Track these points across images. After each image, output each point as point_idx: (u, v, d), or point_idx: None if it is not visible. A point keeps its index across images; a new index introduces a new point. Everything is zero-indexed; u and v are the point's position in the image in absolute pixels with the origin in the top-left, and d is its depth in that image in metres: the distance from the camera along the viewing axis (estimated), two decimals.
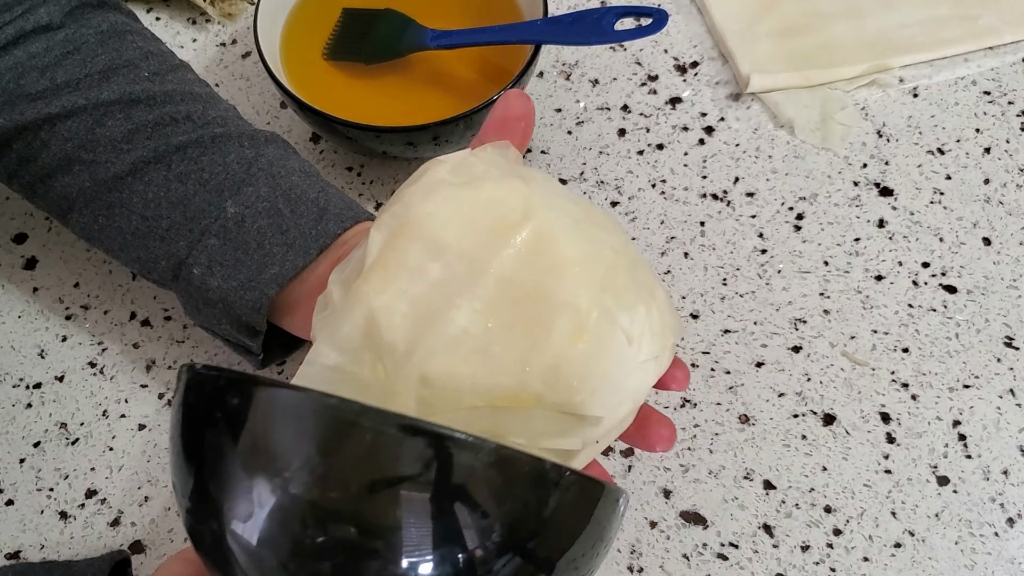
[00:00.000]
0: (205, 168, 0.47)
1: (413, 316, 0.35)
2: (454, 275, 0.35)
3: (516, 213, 0.36)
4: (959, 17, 0.67)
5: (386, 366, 0.35)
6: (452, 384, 0.34)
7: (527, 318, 0.35)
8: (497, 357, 0.34)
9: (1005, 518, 0.51)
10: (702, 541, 0.51)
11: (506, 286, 0.35)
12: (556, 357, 0.35)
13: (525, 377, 0.34)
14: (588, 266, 0.36)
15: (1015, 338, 0.56)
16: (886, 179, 0.62)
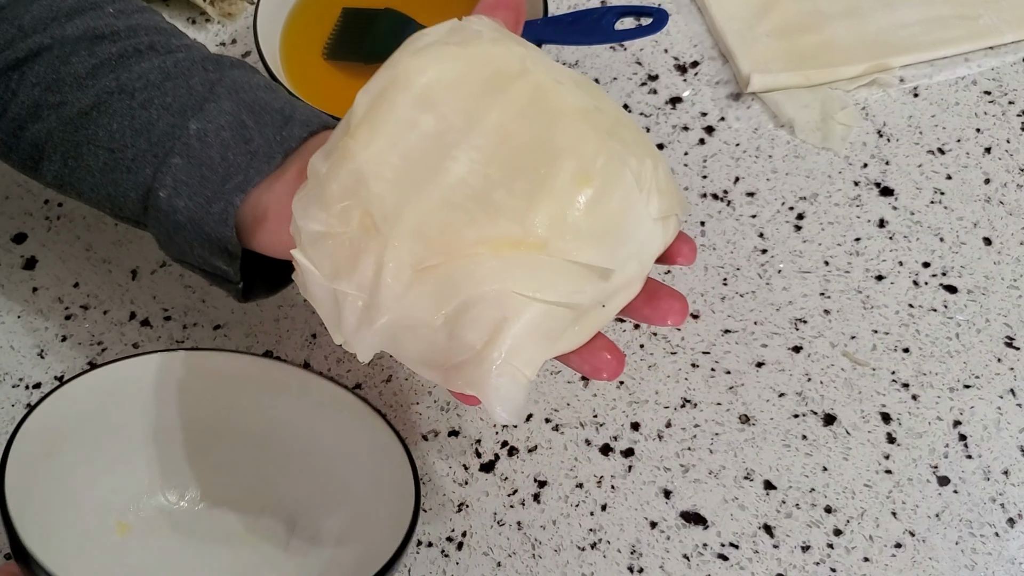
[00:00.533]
0: (168, 93, 0.45)
1: (405, 168, 0.33)
2: (449, 126, 0.34)
3: (513, 68, 0.35)
4: (959, 17, 0.67)
5: (376, 219, 0.33)
6: (450, 232, 0.33)
7: (530, 165, 0.34)
8: (499, 203, 0.33)
9: (1006, 518, 0.51)
10: (702, 541, 0.51)
11: (506, 135, 0.34)
12: (562, 202, 0.33)
13: (530, 222, 0.33)
14: (593, 116, 0.35)
15: (1015, 338, 0.56)
16: (886, 179, 0.62)
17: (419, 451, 0.54)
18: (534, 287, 0.33)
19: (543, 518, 0.52)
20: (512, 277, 0.33)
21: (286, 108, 0.46)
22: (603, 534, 0.51)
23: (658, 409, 0.55)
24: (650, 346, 0.56)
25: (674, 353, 0.56)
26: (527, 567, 0.51)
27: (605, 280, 0.35)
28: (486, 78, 0.35)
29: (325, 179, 0.34)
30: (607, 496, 0.52)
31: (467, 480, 0.53)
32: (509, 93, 0.34)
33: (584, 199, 0.33)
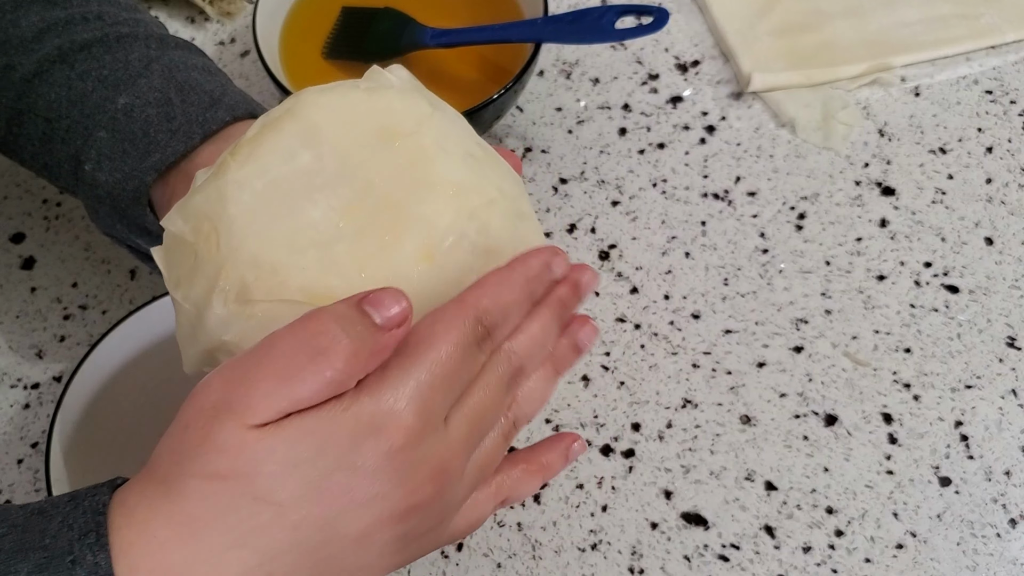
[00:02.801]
0: (106, 65, 0.45)
1: (265, 197, 0.33)
2: (322, 168, 0.34)
3: (407, 126, 0.35)
4: (961, 16, 0.67)
5: (220, 240, 0.33)
6: (280, 273, 0.33)
7: (382, 227, 0.33)
8: (337, 257, 0.33)
9: (1007, 519, 0.51)
10: (703, 542, 0.51)
11: (370, 192, 0.34)
12: (395, 272, 0.33)
13: (357, 284, 0.32)
14: (464, 194, 0.34)
15: (1017, 338, 0.56)
16: (888, 178, 0.62)
17: None
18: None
19: (543, 519, 0.52)
20: None
21: (216, 91, 0.45)
22: (604, 535, 0.51)
23: (659, 410, 0.54)
24: (651, 346, 0.56)
25: (675, 353, 0.56)
26: (527, 568, 0.50)
27: None
28: (377, 129, 0.34)
29: (195, 188, 0.35)
30: (608, 497, 0.52)
31: None
32: (391, 151, 0.34)
33: (416, 274, 0.33)
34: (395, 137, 0.34)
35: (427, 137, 0.35)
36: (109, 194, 0.44)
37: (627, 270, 0.59)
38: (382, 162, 0.34)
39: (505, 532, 0.51)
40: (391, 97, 0.35)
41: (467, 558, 0.51)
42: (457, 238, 0.34)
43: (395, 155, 0.34)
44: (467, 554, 0.51)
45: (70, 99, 0.45)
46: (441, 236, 0.33)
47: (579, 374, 0.56)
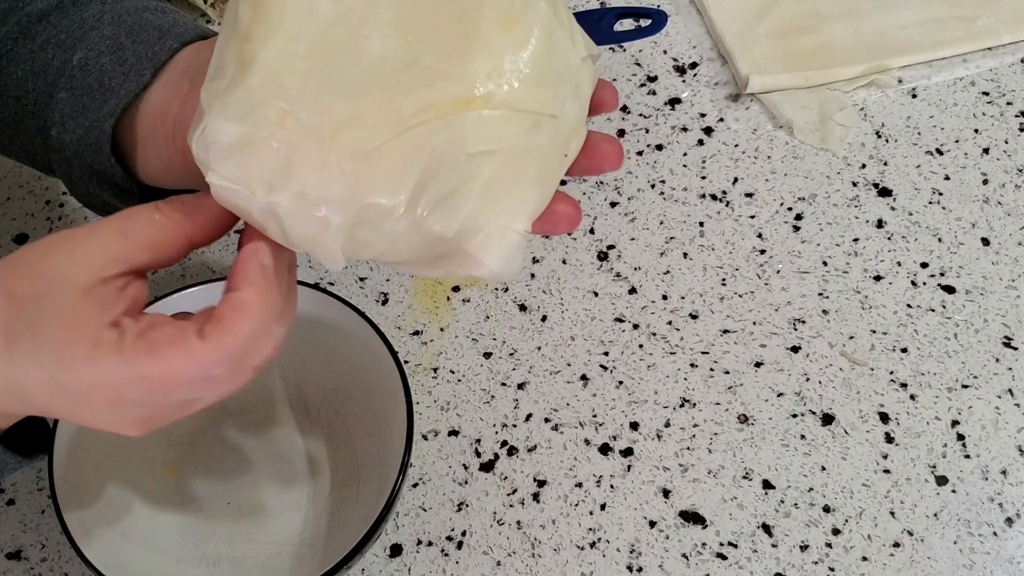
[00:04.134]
0: (63, 29, 0.44)
1: (316, 57, 0.30)
2: (349, 7, 0.31)
3: None
4: (957, 18, 0.67)
5: (300, 115, 0.30)
6: (389, 108, 0.30)
7: (448, 23, 0.31)
8: (430, 68, 0.31)
9: (1004, 518, 0.51)
10: (701, 541, 0.51)
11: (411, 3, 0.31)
12: (494, 51, 0.31)
13: (468, 78, 0.31)
14: None
15: (1013, 338, 0.56)
16: (885, 179, 0.62)
17: (419, 451, 0.54)
18: (488, 142, 0.31)
19: (542, 517, 0.52)
20: (464, 140, 0.31)
21: (166, 24, 0.44)
22: (602, 533, 0.51)
23: (657, 409, 0.55)
24: (649, 346, 0.57)
25: (673, 353, 0.56)
26: (527, 566, 0.51)
27: (555, 123, 0.33)
28: None
29: (227, 89, 0.30)
30: (606, 496, 0.52)
31: (467, 480, 0.53)
32: None
33: (514, 43, 0.31)
34: None
35: None
36: (76, 154, 0.43)
37: (625, 270, 0.59)
38: None
39: (504, 530, 0.52)
40: None
41: (467, 556, 0.51)
42: None
43: None
44: (467, 552, 0.51)
45: (34, 71, 0.44)
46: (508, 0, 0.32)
47: (578, 373, 0.56)
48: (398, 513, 0.52)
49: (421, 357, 0.57)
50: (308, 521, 0.51)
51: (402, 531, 0.52)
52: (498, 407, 0.55)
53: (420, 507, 0.52)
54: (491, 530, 0.52)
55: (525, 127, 0.32)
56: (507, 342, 0.57)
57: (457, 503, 0.53)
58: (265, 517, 0.51)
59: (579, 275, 0.59)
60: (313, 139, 0.30)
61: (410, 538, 0.52)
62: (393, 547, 0.52)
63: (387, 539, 0.52)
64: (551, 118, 0.32)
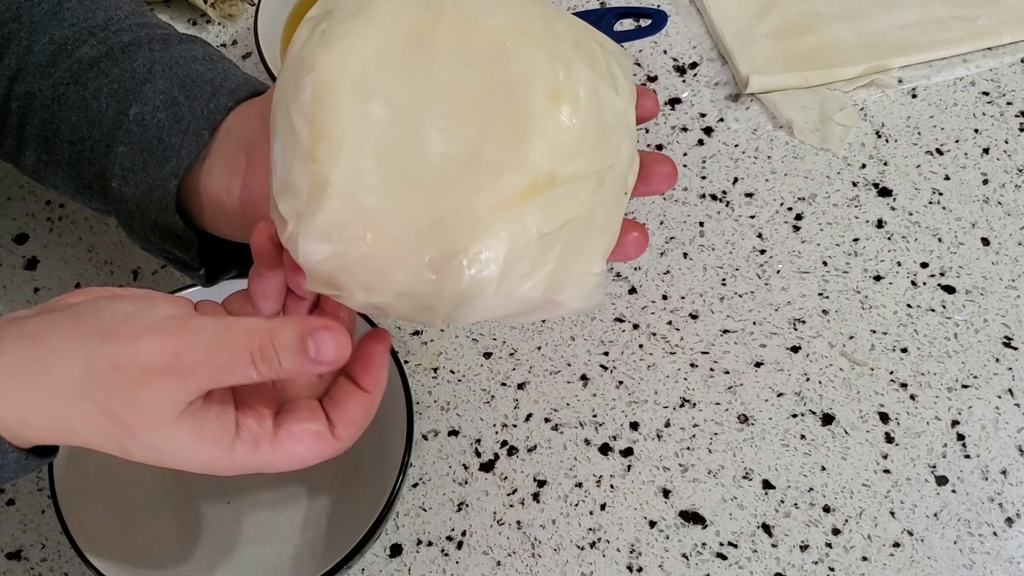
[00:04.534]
0: (115, 79, 0.45)
1: (385, 168, 0.32)
2: (402, 107, 0.32)
3: (423, 16, 0.33)
4: (958, 18, 0.67)
5: (384, 230, 0.32)
6: (465, 211, 0.32)
7: (500, 108, 0.33)
8: (492, 160, 0.32)
9: (1004, 518, 0.51)
10: (701, 541, 0.51)
11: (460, 90, 0.33)
12: (550, 130, 0.32)
13: (531, 164, 0.32)
14: (526, 28, 0.33)
15: (1013, 338, 0.56)
16: (885, 179, 0.62)
17: (419, 451, 0.54)
18: (560, 218, 0.33)
19: (542, 517, 0.52)
20: (536, 223, 0.32)
21: (217, 78, 0.45)
22: (602, 533, 0.51)
23: (657, 409, 0.55)
24: (649, 346, 0.57)
25: (673, 353, 0.56)
26: (527, 566, 0.51)
27: (613, 170, 0.35)
28: (405, 39, 0.33)
29: (309, 212, 0.32)
30: (606, 495, 0.52)
31: (467, 480, 0.53)
32: (438, 45, 0.33)
33: (567, 116, 0.33)
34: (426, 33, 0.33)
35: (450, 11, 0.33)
36: (139, 207, 0.45)
37: (625, 270, 0.59)
38: (441, 62, 0.33)
39: (504, 530, 0.52)
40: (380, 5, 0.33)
41: (467, 556, 0.51)
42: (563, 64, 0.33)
43: (444, 48, 0.33)
44: (467, 552, 0.51)
45: (88, 120, 0.45)
46: (551, 73, 0.33)
47: (578, 373, 0.56)
48: (398, 513, 0.52)
49: (421, 357, 0.57)
50: (308, 521, 0.51)
51: (402, 531, 0.52)
52: (498, 407, 0.55)
53: (420, 507, 0.52)
54: (491, 530, 0.52)
55: (590, 190, 0.34)
56: (507, 342, 0.57)
57: (457, 503, 0.53)
58: (265, 517, 0.51)
59: None
60: (401, 249, 0.32)
61: (410, 538, 0.52)
62: (393, 547, 0.52)
63: (387, 539, 0.52)
64: (610, 168, 0.34)
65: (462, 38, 0.33)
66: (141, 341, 0.32)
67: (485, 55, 0.33)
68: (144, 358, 0.32)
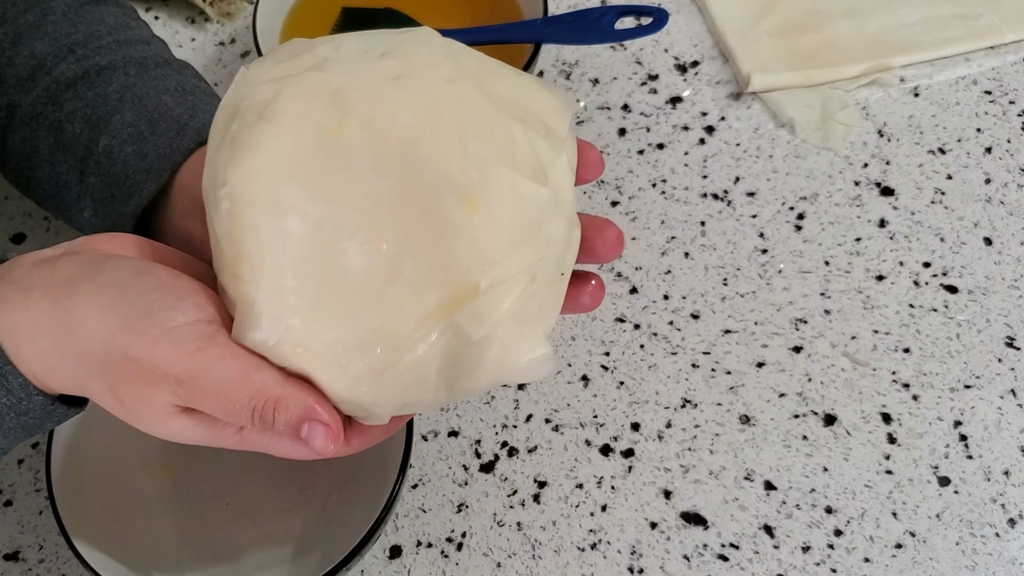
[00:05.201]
0: (89, 103, 0.45)
1: (306, 288, 0.32)
2: (318, 220, 0.32)
3: (330, 115, 0.32)
4: (960, 16, 0.67)
5: (312, 350, 0.32)
6: (388, 330, 0.32)
7: (415, 219, 0.32)
8: (412, 274, 0.32)
9: (1006, 519, 0.51)
10: (703, 542, 0.51)
11: (373, 200, 0.32)
12: (465, 240, 0.32)
13: (453, 277, 0.32)
14: (436, 123, 0.32)
15: (1016, 338, 0.56)
16: (887, 179, 0.62)
17: (419, 452, 0.54)
18: (490, 322, 0.32)
19: (543, 519, 0.52)
20: (465, 332, 0.32)
21: (184, 115, 0.45)
22: (603, 535, 0.51)
23: (658, 409, 0.55)
24: (650, 346, 0.56)
25: (674, 353, 0.56)
26: (527, 568, 0.50)
27: (547, 264, 0.33)
28: (314, 145, 0.32)
29: (240, 329, 0.33)
30: (607, 497, 0.52)
31: (467, 481, 0.53)
32: (347, 150, 0.32)
33: (483, 222, 0.32)
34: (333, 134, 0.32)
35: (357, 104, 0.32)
36: None
37: (626, 270, 0.59)
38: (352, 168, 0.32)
39: (505, 531, 0.51)
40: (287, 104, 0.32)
41: (467, 558, 0.51)
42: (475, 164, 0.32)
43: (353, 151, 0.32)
44: (467, 554, 0.51)
45: (63, 144, 0.45)
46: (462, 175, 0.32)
47: (579, 374, 0.56)
48: (398, 514, 0.52)
49: None
50: (307, 521, 0.51)
51: (402, 532, 0.52)
52: (498, 407, 0.55)
53: (420, 508, 0.52)
54: (491, 531, 0.51)
55: (520, 288, 0.33)
56: None
57: (457, 504, 0.52)
58: (264, 518, 0.51)
59: None
60: (332, 368, 0.32)
61: (410, 539, 0.51)
62: (392, 548, 0.51)
63: (387, 540, 0.51)
64: (540, 261, 0.33)
65: (370, 140, 0.32)
66: (159, 345, 0.32)
67: (395, 160, 0.32)
68: (157, 362, 0.32)
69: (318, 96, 0.32)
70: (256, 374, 0.32)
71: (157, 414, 0.33)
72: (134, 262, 0.35)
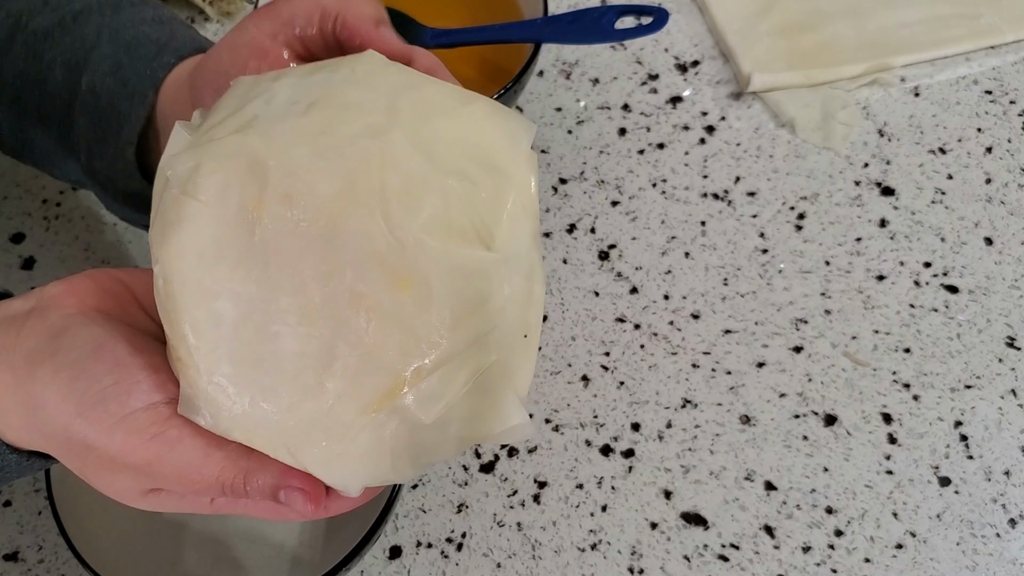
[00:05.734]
0: (67, 48, 0.44)
1: (243, 375, 0.31)
2: (248, 302, 0.30)
3: (249, 188, 0.30)
4: (960, 16, 0.67)
5: (255, 436, 0.31)
6: (330, 421, 0.30)
7: (343, 300, 0.30)
8: (349, 362, 0.30)
9: (1007, 519, 0.51)
10: (703, 542, 0.51)
11: (300, 280, 0.30)
12: (399, 322, 0.30)
13: (390, 362, 0.30)
14: (355, 193, 0.30)
15: (1017, 338, 0.56)
16: (887, 179, 0.62)
17: None
18: (441, 404, 0.31)
19: (543, 519, 0.52)
20: (414, 417, 0.31)
21: (163, 37, 0.44)
22: (603, 535, 0.51)
23: (659, 410, 0.54)
24: (651, 346, 0.56)
25: (675, 354, 0.56)
26: (527, 568, 0.50)
27: (498, 328, 0.31)
28: (236, 222, 0.30)
29: (188, 412, 0.31)
30: (607, 497, 0.52)
31: (467, 481, 0.53)
32: (268, 227, 0.30)
33: (414, 302, 0.30)
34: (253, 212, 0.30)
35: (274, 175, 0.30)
36: (108, 179, 0.44)
37: (627, 270, 0.59)
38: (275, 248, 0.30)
39: (505, 532, 0.51)
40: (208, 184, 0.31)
41: (467, 558, 0.51)
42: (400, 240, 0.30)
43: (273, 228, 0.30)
44: (467, 554, 0.51)
45: (48, 94, 0.45)
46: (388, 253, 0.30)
47: (579, 374, 0.56)
48: (397, 515, 0.52)
49: None
50: (307, 522, 0.51)
51: (401, 532, 0.52)
52: None
53: (420, 508, 0.52)
54: (491, 532, 0.51)
55: (472, 364, 0.31)
56: None
57: (457, 504, 0.52)
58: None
59: (580, 275, 0.59)
60: (281, 452, 0.31)
61: (410, 540, 0.51)
62: (392, 549, 0.51)
63: (387, 540, 0.51)
64: (492, 330, 0.31)
65: (291, 217, 0.30)
66: (114, 435, 0.31)
67: (319, 237, 0.30)
68: (114, 451, 0.31)
69: (236, 166, 0.31)
70: (218, 452, 0.31)
71: (126, 496, 0.33)
72: (93, 333, 0.33)
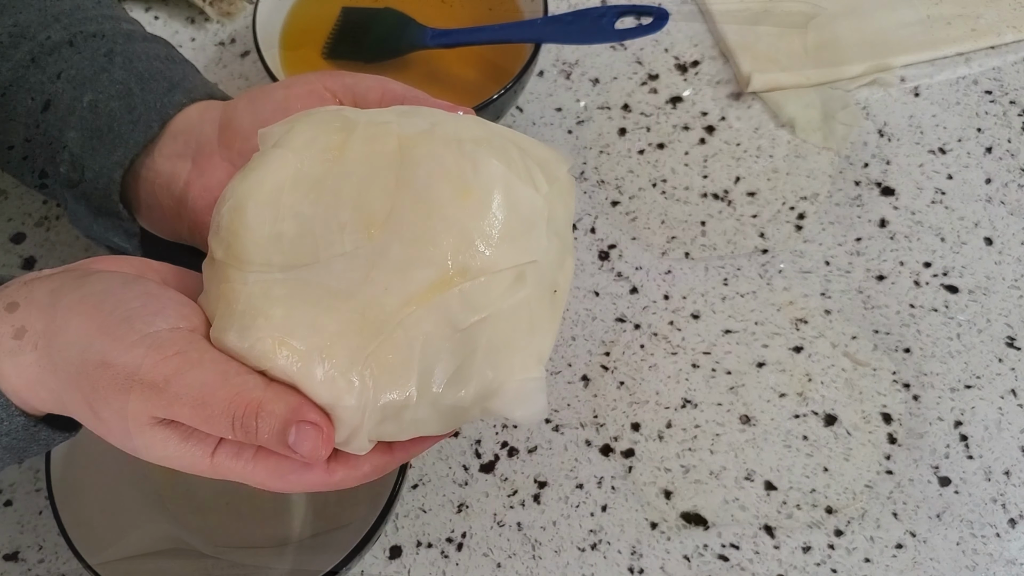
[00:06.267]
0: (75, 65, 0.45)
1: (292, 280, 0.32)
2: (310, 219, 0.33)
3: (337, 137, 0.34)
4: (960, 16, 0.67)
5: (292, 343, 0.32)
6: (372, 309, 0.32)
7: (407, 208, 0.32)
8: (400, 257, 0.32)
9: (1007, 519, 0.51)
10: (703, 542, 0.51)
11: (367, 197, 0.33)
12: (455, 224, 0.32)
13: (440, 258, 0.32)
14: (435, 133, 0.34)
15: (1016, 338, 0.56)
16: (887, 179, 0.62)
17: None
18: (476, 312, 0.32)
19: (543, 519, 0.52)
20: (450, 317, 0.32)
21: (176, 76, 0.45)
22: (603, 535, 0.51)
23: (658, 410, 0.54)
24: (651, 346, 0.56)
25: (675, 353, 0.56)
26: (527, 568, 0.50)
27: (537, 267, 0.33)
28: (319, 160, 0.34)
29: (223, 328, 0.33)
30: (607, 497, 0.52)
31: (467, 481, 0.53)
32: (347, 160, 0.33)
33: (475, 209, 0.32)
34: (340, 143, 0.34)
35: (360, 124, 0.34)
36: (84, 193, 0.44)
37: (627, 270, 0.59)
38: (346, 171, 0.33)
39: (505, 532, 0.51)
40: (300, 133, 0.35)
41: (467, 558, 0.51)
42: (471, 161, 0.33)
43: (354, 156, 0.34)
44: (467, 554, 0.51)
45: (44, 104, 0.45)
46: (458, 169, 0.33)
47: (579, 374, 0.56)
48: (397, 514, 0.52)
49: None
50: (308, 521, 0.51)
51: (402, 532, 0.52)
52: None
53: (420, 508, 0.52)
54: (491, 532, 0.51)
55: (508, 284, 0.33)
56: None
57: (457, 504, 0.52)
58: (264, 517, 0.51)
59: (580, 274, 0.59)
60: (314, 359, 0.32)
61: (410, 540, 0.51)
62: (393, 548, 0.51)
63: (387, 540, 0.51)
64: (531, 264, 0.33)
65: (370, 150, 0.33)
66: (135, 350, 0.31)
67: (392, 161, 0.33)
68: (132, 367, 0.31)
69: (329, 124, 0.34)
70: (236, 377, 0.31)
71: (131, 425, 0.32)
72: (123, 275, 0.34)
